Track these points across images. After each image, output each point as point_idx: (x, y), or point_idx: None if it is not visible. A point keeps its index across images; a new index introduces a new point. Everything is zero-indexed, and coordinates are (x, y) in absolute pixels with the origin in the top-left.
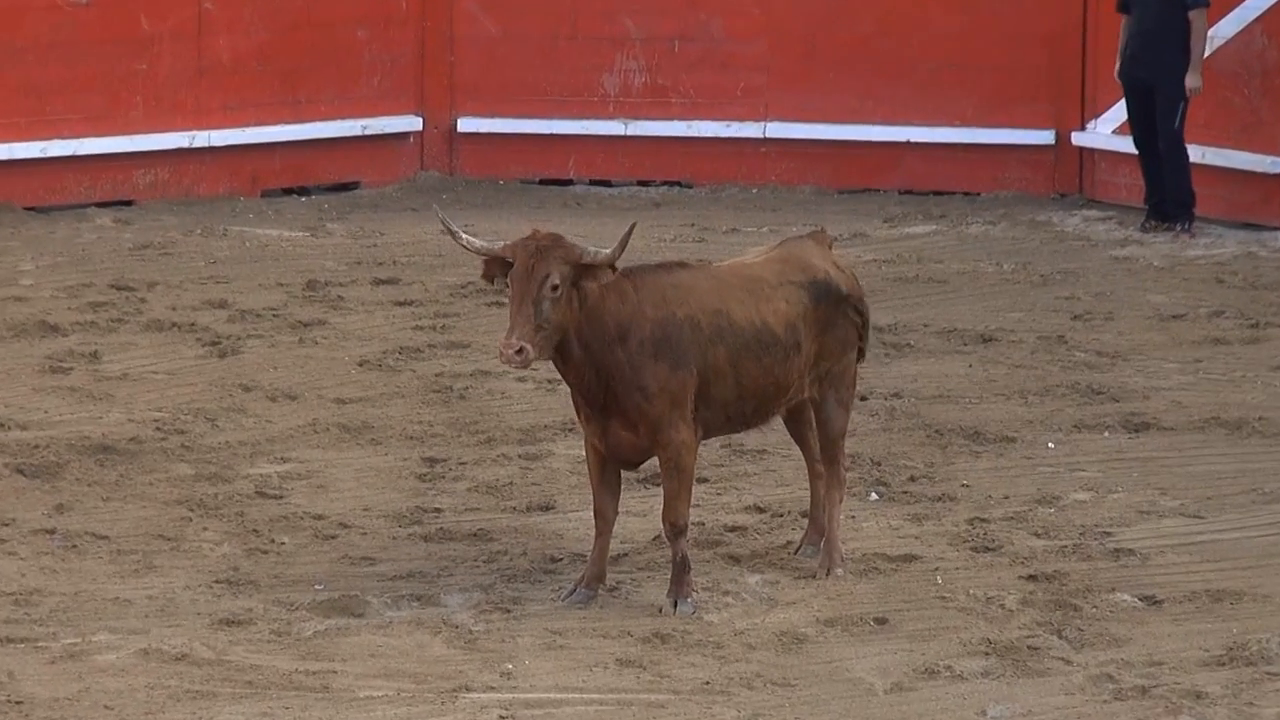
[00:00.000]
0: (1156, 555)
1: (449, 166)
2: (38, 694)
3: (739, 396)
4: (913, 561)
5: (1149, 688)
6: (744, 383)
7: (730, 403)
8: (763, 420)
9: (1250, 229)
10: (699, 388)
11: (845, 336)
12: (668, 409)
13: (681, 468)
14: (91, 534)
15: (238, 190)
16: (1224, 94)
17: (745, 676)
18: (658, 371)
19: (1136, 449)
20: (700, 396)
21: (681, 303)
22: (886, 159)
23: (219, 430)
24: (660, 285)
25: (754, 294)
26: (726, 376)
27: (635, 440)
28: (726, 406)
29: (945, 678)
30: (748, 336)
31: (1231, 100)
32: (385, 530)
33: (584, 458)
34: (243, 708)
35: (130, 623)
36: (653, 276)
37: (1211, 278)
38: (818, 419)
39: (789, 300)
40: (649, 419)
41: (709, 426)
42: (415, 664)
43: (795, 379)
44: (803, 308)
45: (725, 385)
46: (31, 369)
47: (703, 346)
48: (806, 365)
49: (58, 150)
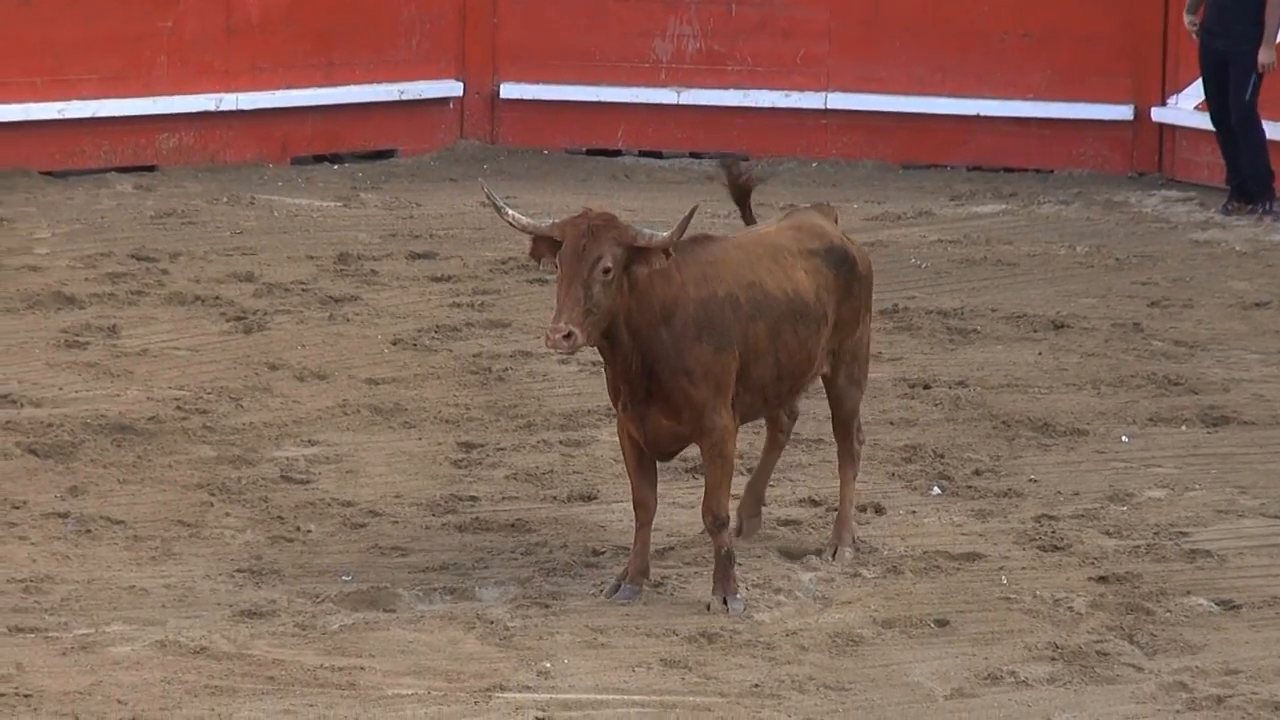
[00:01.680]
0: (1235, 557)
1: (490, 135)
2: (48, 687)
3: (777, 376)
4: (976, 560)
5: (1224, 698)
6: (782, 359)
7: (769, 383)
8: (791, 401)
9: None
10: (740, 369)
11: (858, 309)
12: (712, 393)
13: (725, 455)
14: (107, 519)
15: (266, 157)
16: None
17: (797, 679)
18: (702, 354)
19: (1215, 444)
20: (740, 378)
21: (720, 280)
22: (954, 133)
23: (243, 411)
24: (699, 262)
25: (779, 263)
26: (766, 354)
27: (676, 428)
28: (764, 387)
29: (1009, 684)
30: (783, 308)
31: None
32: (417, 519)
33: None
34: (264, 705)
35: (146, 613)
36: (690, 254)
37: None
38: (830, 397)
39: (809, 269)
40: (694, 404)
41: (746, 411)
42: (447, 661)
43: (821, 353)
44: (824, 276)
45: (765, 364)
46: (46, 343)
47: (743, 325)
48: (827, 338)
49: (76, 112)
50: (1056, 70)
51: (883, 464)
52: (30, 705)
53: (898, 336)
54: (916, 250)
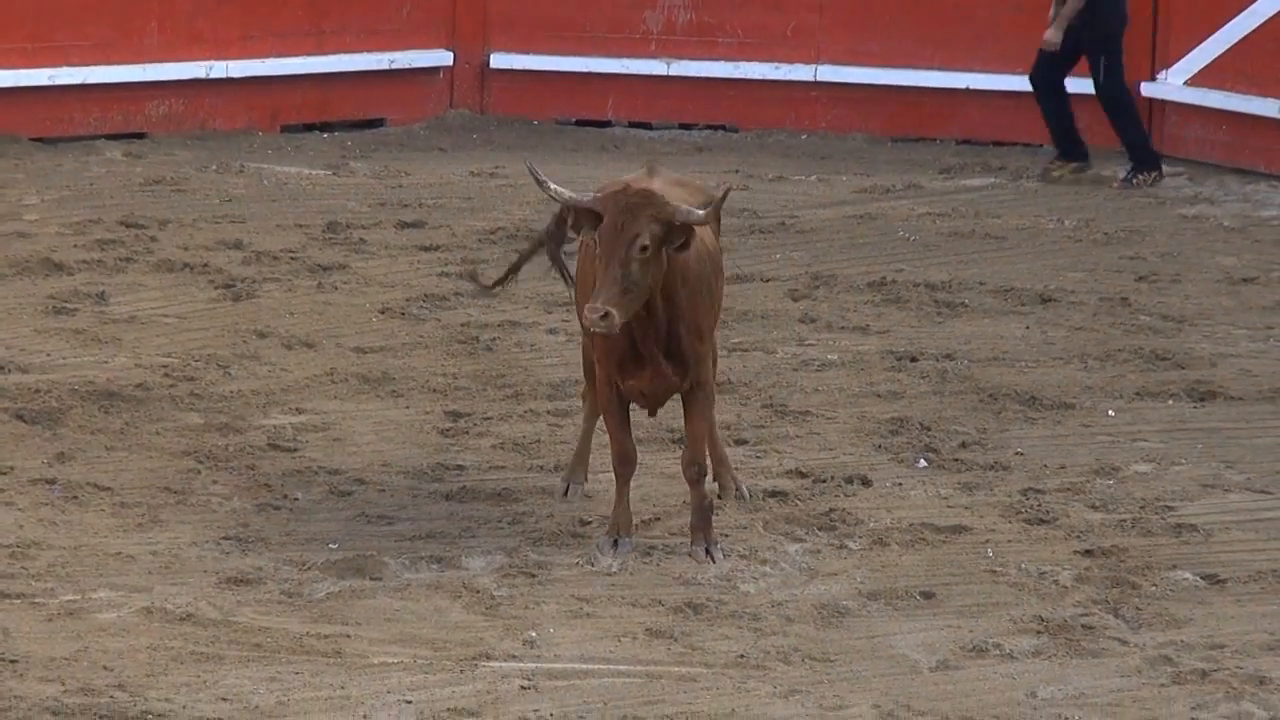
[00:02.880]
0: (1220, 532)
1: (480, 104)
2: (33, 653)
3: (712, 328)
4: (962, 533)
5: (1209, 671)
6: (717, 311)
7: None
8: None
9: None
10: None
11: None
12: (709, 349)
13: (711, 406)
14: (93, 485)
15: (256, 125)
16: None
17: (782, 650)
18: (704, 308)
19: (1202, 419)
20: None
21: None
22: (944, 107)
23: (231, 378)
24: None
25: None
26: (717, 306)
27: (678, 384)
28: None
29: (994, 656)
30: (718, 261)
31: None
32: (404, 487)
33: None
34: (250, 671)
35: (133, 579)
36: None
37: None
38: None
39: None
40: (698, 358)
41: None
42: (433, 630)
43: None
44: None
45: (714, 316)
46: (34, 309)
47: (709, 279)
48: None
49: (66, 78)
50: None
51: (869, 436)
52: (16, 671)
53: (885, 309)
54: (905, 223)
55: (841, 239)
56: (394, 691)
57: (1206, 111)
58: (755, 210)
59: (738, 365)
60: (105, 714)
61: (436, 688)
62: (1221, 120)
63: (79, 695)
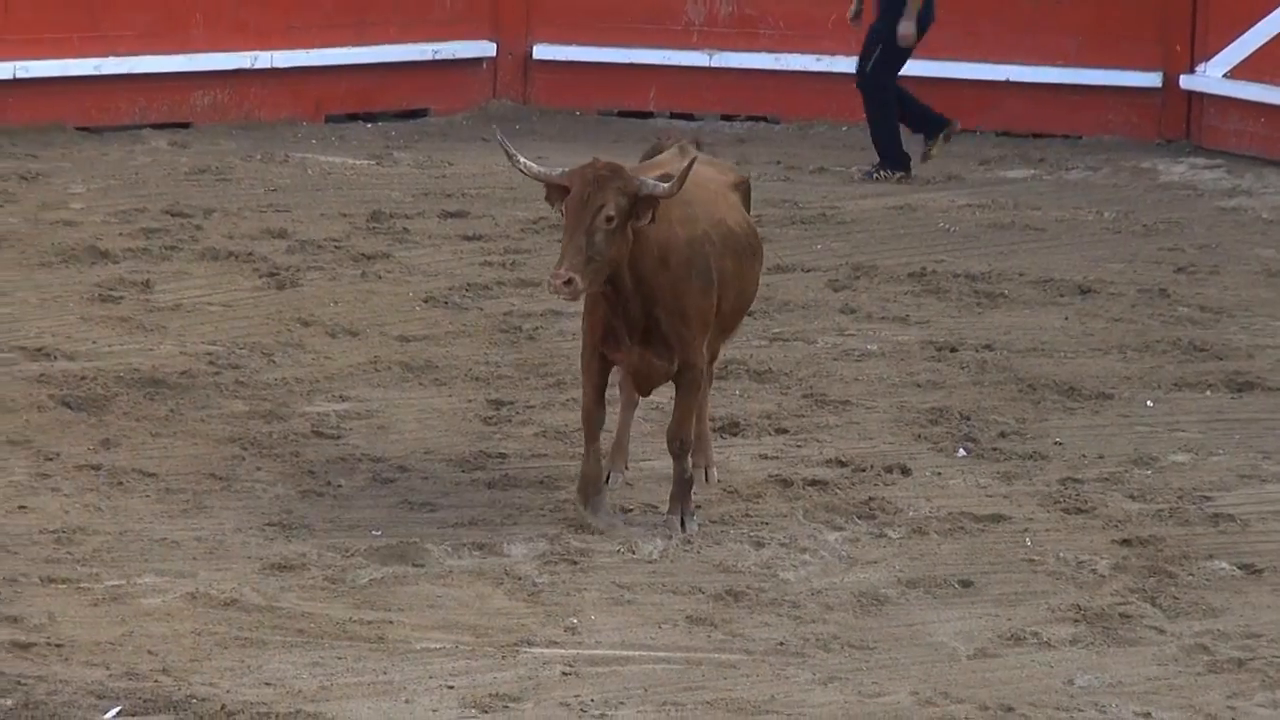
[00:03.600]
0: (1258, 522)
1: (523, 95)
2: (79, 637)
3: (734, 309)
4: (1001, 522)
5: (1245, 660)
6: (742, 291)
7: (727, 316)
8: (733, 333)
9: None
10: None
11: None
12: (699, 331)
13: (700, 387)
14: (139, 471)
15: (300, 115)
16: None
17: (821, 638)
18: (694, 293)
19: (1239, 410)
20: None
21: (697, 219)
22: (984, 98)
23: (275, 366)
24: (680, 202)
25: (728, 199)
26: (731, 289)
27: (666, 367)
28: (724, 320)
29: (1032, 645)
30: (742, 243)
31: None
32: (447, 475)
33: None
34: (293, 657)
35: (177, 565)
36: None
37: None
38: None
39: (738, 202)
40: (685, 343)
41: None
42: (475, 616)
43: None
44: (743, 209)
45: (729, 299)
46: (80, 297)
47: (718, 261)
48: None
49: (112, 68)
50: (1086, 37)
51: (909, 425)
52: (62, 655)
53: (925, 299)
54: (945, 214)
55: (882, 230)
56: (436, 677)
57: (1245, 104)
58: (796, 201)
59: (778, 355)
60: (149, 698)
61: (478, 673)
62: (1260, 113)
63: (124, 679)
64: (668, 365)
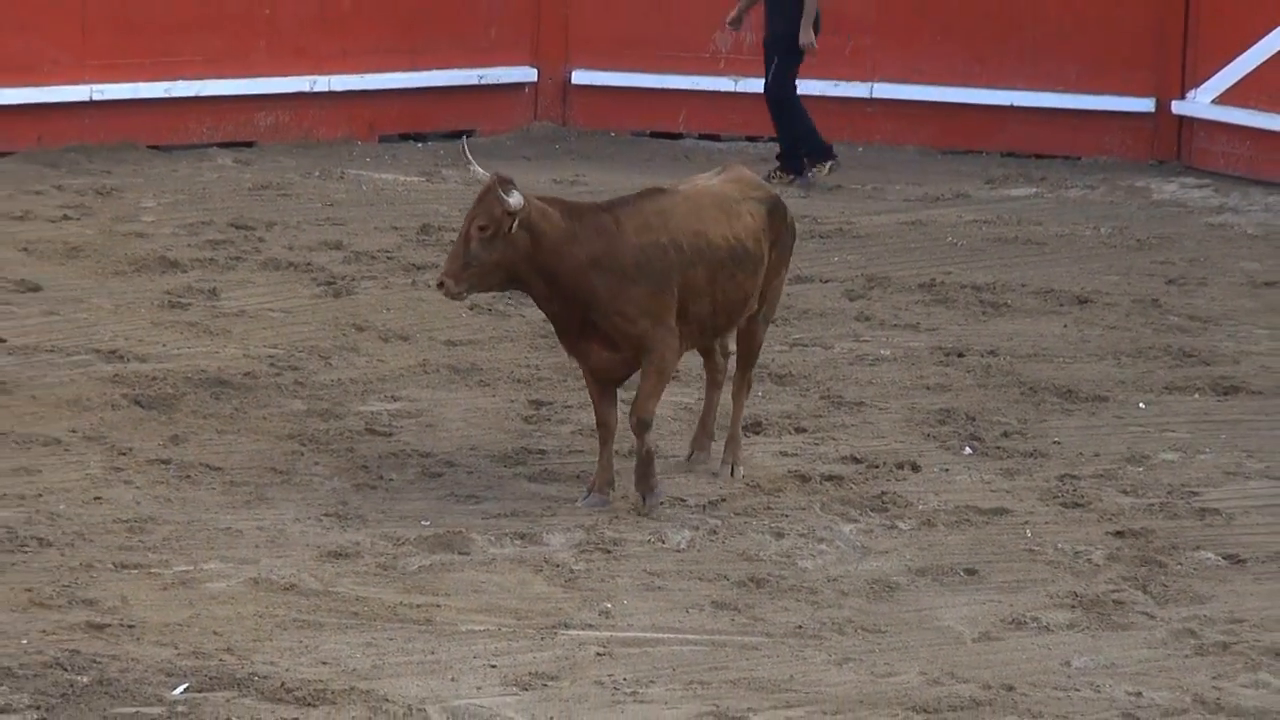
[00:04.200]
0: (1241, 516)
1: (562, 117)
2: (149, 619)
3: (713, 312)
4: (1003, 515)
5: (1229, 644)
6: (719, 298)
7: (705, 318)
8: (726, 333)
9: None
10: (680, 305)
11: (784, 255)
12: (650, 324)
13: (662, 370)
14: (205, 465)
15: (355, 135)
16: None
17: (837, 622)
18: (638, 294)
19: (1225, 412)
20: (681, 313)
21: (664, 229)
22: (990, 122)
23: (332, 368)
24: (645, 213)
25: (726, 212)
26: (704, 295)
27: (616, 358)
28: (702, 321)
29: (1032, 629)
30: (724, 254)
31: None
32: (490, 469)
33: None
34: (348, 638)
35: (241, 552)
36: (635, 206)
37: None
38: (746, 330)
39: (753, 214)
40: (630, 337)
41: (685, 340)
42: (517, 600)
43: (755, 292)
44: (763, 221)
45: (703, 303)
46: (151, 303)
47: (683, 268)
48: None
49: (181, 91)
50: (1085, 65)
51: (919, 425)
52: (134, 635)
53: (934, 308)
54: (953, 229)
55: (894, 243)
56: (480, 656)
57: (1231, 128)
58: (815, 217)
59: (798, 359)
60: (214, 675)
61: (519, 653)
62: (1246, 136)
63: (191, 658)
64: (615, 356)
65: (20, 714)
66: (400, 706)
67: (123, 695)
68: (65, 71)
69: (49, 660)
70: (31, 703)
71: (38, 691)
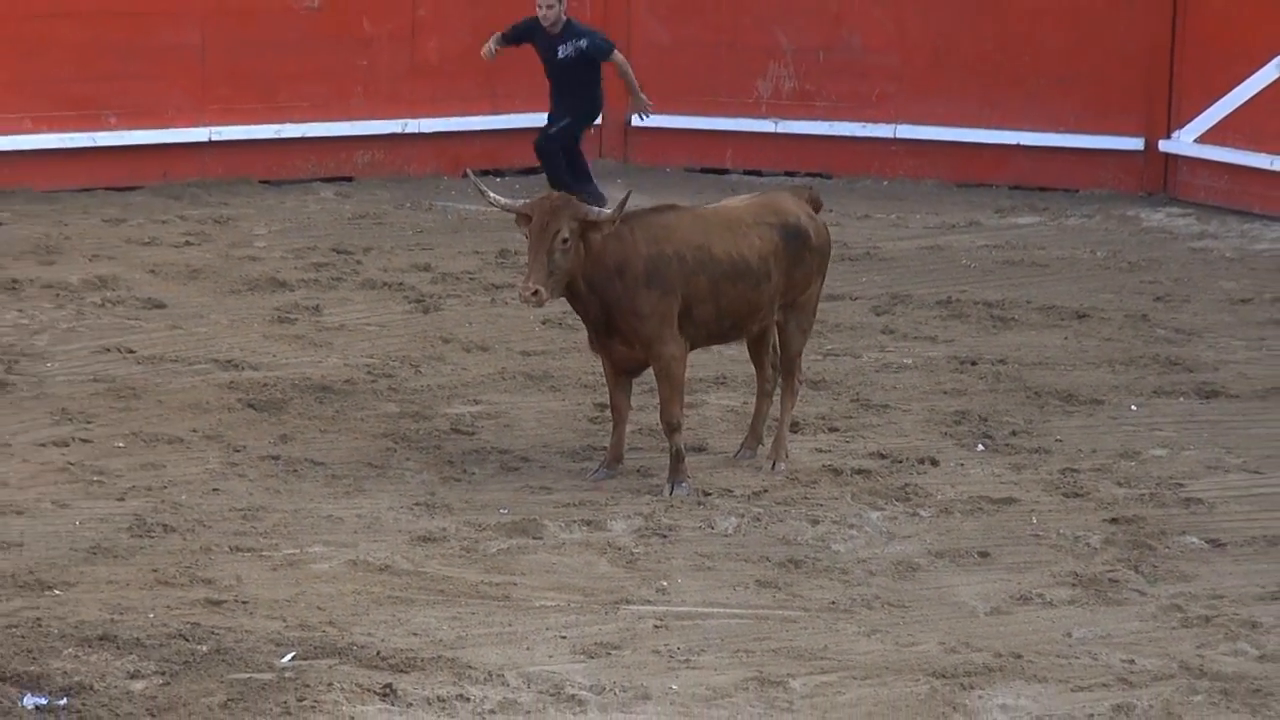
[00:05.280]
0: (1221, 505)
1: (623, 155)
2: (261, 595)
3: (718, 316)
4: (1012, 504)
5: (1211, 617)
6: (722, 304)
7: (710, 321)
8: (738, 335)
9: None
10: (684, 309)
11: (810, 273)
12: (658, 327)
13: (671, 375)
14: (310, 460)
15: (442, 170)
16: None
17: (865, 598)
18: (650, 297)
19: (1207, 413)
20: (685, 316)
21: (669, 240)
22: (999, 159)
23: (421, 375)
24: (652, 226)
25: (733, 231)
26: (707, 300)
27: (632, 354)
28: (708, 324)
29: (1037, 604)
30: (725, 268)
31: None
32: (560, 464)
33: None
34: (435, 612)
35: (341, 537)
36: (646, 219)
37: (1275, 267)
38: (781, 339)
39: (762, 237)
40: (643, 337)
41: (694, 339)
42: (583, 579)
43: (767, 303)
44: (774, 244)
45: (706, 307)
46: (262, 319)
47: (686, 276)
48: (776, 293)
49: (289, 133)
50: (1082, 109)
51: (937, 425)
52: (247, 610)
53: (950, 322)
54: (967, 253)
55: (915, 265)
56: (551, 628)
57: (1211, 164)
58: (845, 242)
59: (830, 367)
60: (318, 645)
61: (586, 625)
62: (1224, 171)
63: (297, 630)
64: (631, 352)
65: (148, 679)
66: (481, 672)
67: (237, 663)
68: (187, 116)
69: (173, 632)
70: (158, 669)
71: (163, 659)
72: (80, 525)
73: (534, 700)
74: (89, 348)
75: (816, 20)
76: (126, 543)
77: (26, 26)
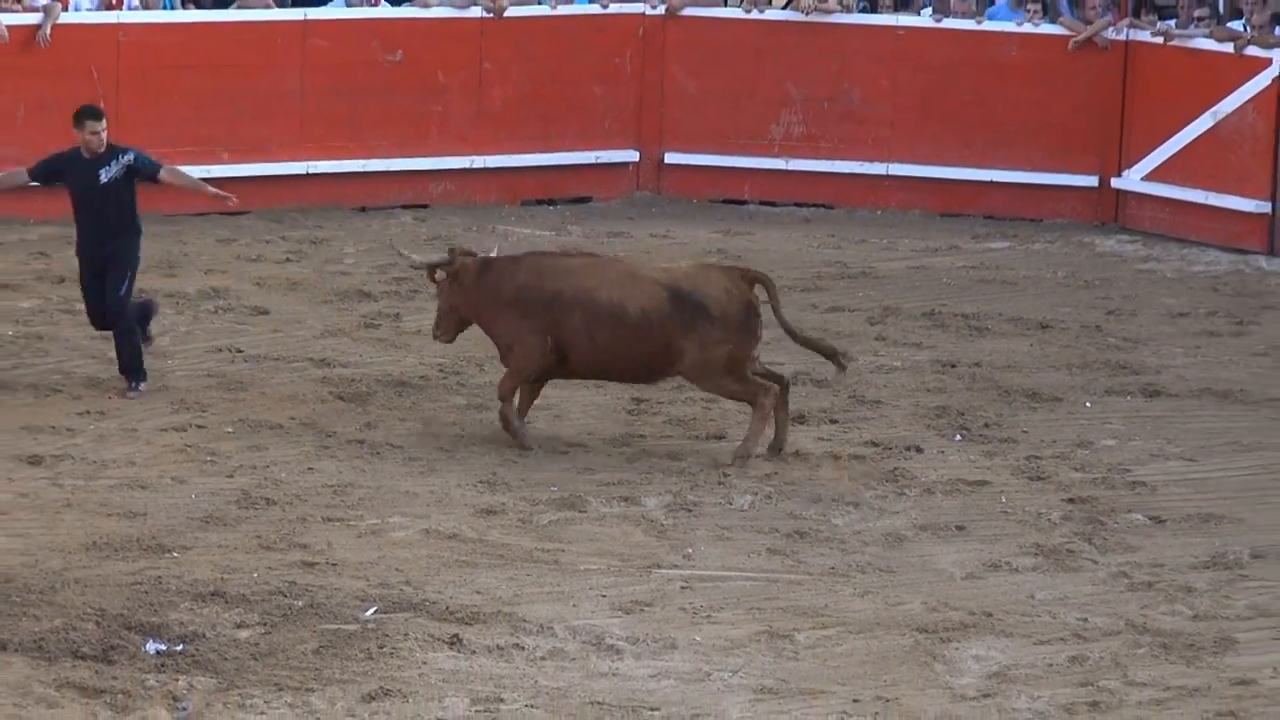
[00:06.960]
0: (1163, 487)
1: (657, 187)
2: (348, 559)
3: (594, 351)
4: (985, 485)
5: (1153, 583)
6: (598, 342)
7: (587, 356)
8: (640, 379)
9: (1238, 253)
10: (558, 339)
11: (706, 340)
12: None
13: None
14: (390, 444)
15: (503, 200)
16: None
17: (860, 564)
18: (510, 315)
19: (1151, 409)
20: (561, 346)
21: (557, 279)
22: (975, 192)
23: (485, 373)
24: (542, 264)
25: (623, 285)
26: (581, 336)
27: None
28: (589, 359)
29: (1006, 570)
30: (603, 312)
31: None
32: (602, 449)
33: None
34: (496, 574)
35: (416, 510)
36: (549, 259)
37: (1209, 286)
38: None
39: (651, 296)
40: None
41: (579, 370)
42: (622, 547)
43: (659, 356)
44: (657, 304)
45: (581, 342)
46: (351, 324)
47: (556, 312)
48: (672, 351)
49: (374, 167)
50: (1046, 150)
51: (921, 418)
52: (336, 570)
53: (933, 331)
54: (948, 273)
55: (904, 283)
56: (594, 589)
57: (1156, 199)
58: (845, 262)
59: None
60: (397, 601)
61: (623, 586)
62: (1166, 205)
63: (379, 588)
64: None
65: (251, 629)
66: (534, 625)
67: (328, 615)
68: (288, 151)
69: (273, 589)
70: (260, 620)
71: (264, 613)
72: (195, 498)
73: (579, 649)
74: (203, 348)
75: (822, 75)
76: (234, 513)
77: (155, 76)
